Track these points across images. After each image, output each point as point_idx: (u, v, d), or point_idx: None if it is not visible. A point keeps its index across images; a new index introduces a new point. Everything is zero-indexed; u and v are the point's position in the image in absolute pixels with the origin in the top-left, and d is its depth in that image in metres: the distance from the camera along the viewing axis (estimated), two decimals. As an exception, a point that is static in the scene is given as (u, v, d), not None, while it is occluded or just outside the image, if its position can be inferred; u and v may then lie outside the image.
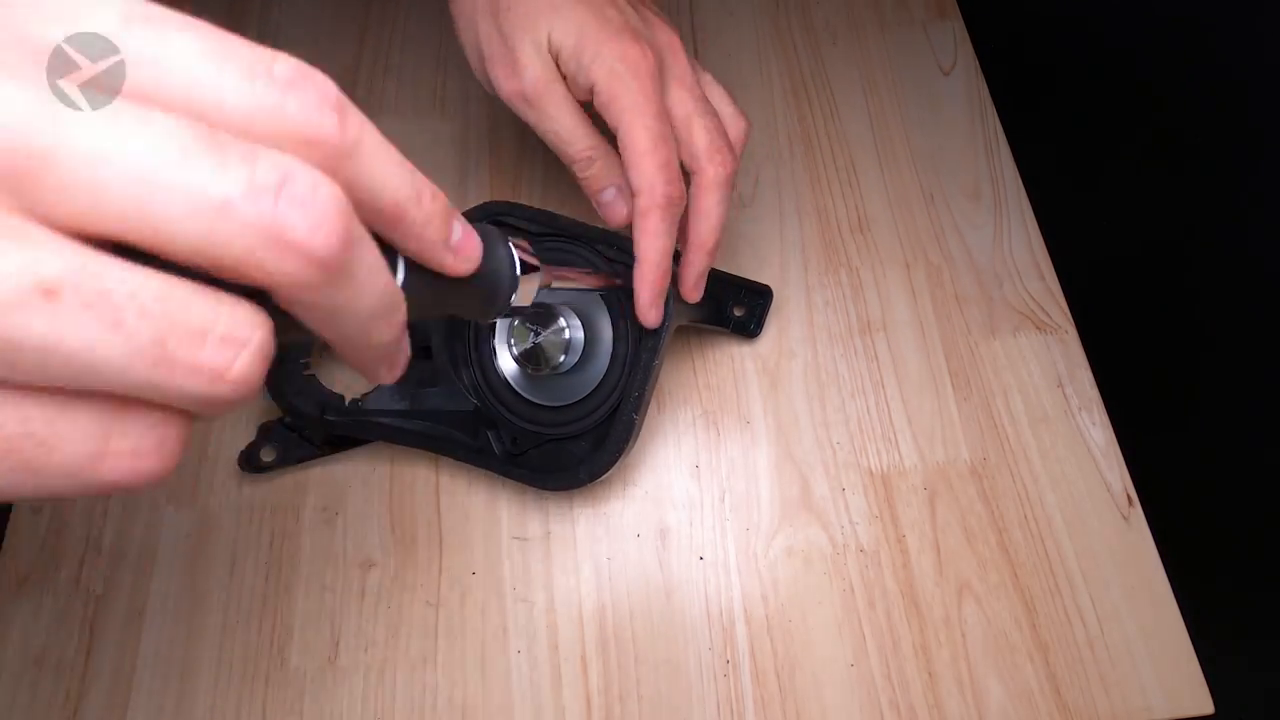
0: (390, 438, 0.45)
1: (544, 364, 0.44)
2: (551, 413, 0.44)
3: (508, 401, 0.45)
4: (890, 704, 0.41)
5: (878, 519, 0.45)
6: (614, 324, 0.43)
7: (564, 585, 0.44)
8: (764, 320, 0.49)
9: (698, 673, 0.42)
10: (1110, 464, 0.46)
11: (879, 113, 0.57)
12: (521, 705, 0.42)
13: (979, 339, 0.50)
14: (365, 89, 0.59)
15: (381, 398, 0.46)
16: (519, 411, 0.44)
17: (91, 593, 0.44)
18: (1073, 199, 0.62)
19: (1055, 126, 0.65)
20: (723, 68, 0.59)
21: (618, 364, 0.43)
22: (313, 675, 0.42)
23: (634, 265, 0.38)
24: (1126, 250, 0.60)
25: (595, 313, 0.43)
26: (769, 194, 0.54)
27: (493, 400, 0.45)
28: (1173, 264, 0.56)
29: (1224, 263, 0.51)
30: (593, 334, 0.43)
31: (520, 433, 0.44)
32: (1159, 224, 0.56)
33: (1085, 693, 0.41)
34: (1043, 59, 0.66)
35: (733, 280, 0.49)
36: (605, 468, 0.41)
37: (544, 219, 0.43)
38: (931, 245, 0.53)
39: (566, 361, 0.43)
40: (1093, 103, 0.61)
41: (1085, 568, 0.44)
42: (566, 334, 0.43)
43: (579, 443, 0.43)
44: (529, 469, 0.43)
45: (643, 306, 0.39)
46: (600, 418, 0.43)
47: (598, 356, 0.43)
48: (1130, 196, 0.59)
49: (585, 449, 0.43)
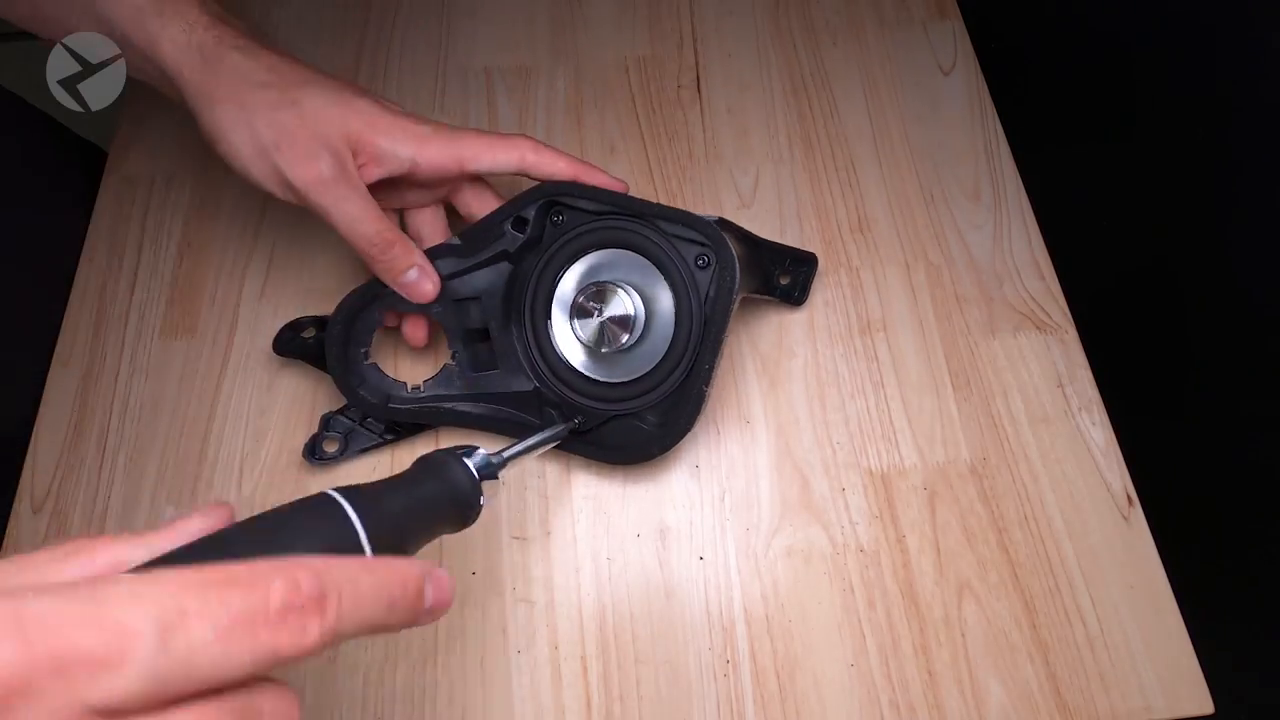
0: (454, 422, 0.46)
1: (607, 342, 0.44)
2: (615, 389, 0.44)
3: (569, 380, 0.45)
4: (890, 704, 0.41)
5: (878, 519, 0.45)
6: (676, 299, 0.44)
7: (564, 585, 0.44)
8: (809, 287, 0.50)
9: (698, 673, 0.42)
10: (1110, 464, 0.46)
11: (879, 113, 0.57)
12: (521, 705, 0.42)
13: (979, 339, 0.50)
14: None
15: (442, 383, 0.46)
16: (582, 389, 0.45)
17: (91, 593, 0.44)
18: (1073, 199, 0.62)
19: (1055, 126, 0.65)
20: (723, 68, 0.59)
21: (682, 338, 0.43)
22: (313, 675, 0.42)
23: (575, 171, 0.44)
24: (1126, 250, 0.60)
25: (656, 288, 0.44)
26: (769, 194, 0.54)
27: (553, 380, 0.45)
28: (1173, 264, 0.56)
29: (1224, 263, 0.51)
30: (653, 310, 0.44)
31: (585, 410, 0.45)
32: (1159, 224, 0.57)
33: (1085, 693, 0.41)
34: (1043, 59, 0.66)
35: (779, 249, 0.50)
36: (676, 439, 0.43)
37: (603, 197, 0.44)
38: (931, 245, 0.53)
39: (630, 339, 0.44)
40: (1093, 103, 0.61)
41: (1085, 568, 0.44)
42: (630, 311, 0.44)
43: (645, 417, 0.44)
44: (596, 445, 0.45)
45: (602, 182, 0.45)
46: (667, 391, 0.43)
47: (658, 331, 0.44)
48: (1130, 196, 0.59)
49: (653, 423, 0.44)
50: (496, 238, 0.45)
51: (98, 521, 0.46)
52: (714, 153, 0.56)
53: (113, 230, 0.55)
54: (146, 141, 0.58)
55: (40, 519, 0.46)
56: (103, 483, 0.47)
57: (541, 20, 0.62)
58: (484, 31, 0.61)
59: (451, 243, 0.45)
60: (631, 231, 0.44)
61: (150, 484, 0.47)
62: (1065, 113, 0.64)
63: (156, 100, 0.44)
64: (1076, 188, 0.63)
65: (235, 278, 0.53)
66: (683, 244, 0.43)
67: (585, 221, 0.44)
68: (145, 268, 0.53)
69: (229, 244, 0.54)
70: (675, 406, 0.43)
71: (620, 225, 0.44)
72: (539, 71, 0.60)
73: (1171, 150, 0.54)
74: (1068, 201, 0.59)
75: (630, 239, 0.44)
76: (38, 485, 0.47)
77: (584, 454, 0.45)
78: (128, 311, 0.52)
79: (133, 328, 0.52)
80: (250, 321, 0.51)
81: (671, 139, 0.57)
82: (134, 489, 0.47)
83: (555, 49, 0.61)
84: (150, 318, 0.52)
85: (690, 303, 0.43)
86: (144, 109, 0.58)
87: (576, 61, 0.60)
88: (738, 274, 0.42)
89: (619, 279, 0.44)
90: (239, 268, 0.53)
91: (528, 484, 0.46)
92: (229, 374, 0.50)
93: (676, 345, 0.43)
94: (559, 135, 0.57)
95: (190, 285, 0.53)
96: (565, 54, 0.60)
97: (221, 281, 0.53)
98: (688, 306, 0.43)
